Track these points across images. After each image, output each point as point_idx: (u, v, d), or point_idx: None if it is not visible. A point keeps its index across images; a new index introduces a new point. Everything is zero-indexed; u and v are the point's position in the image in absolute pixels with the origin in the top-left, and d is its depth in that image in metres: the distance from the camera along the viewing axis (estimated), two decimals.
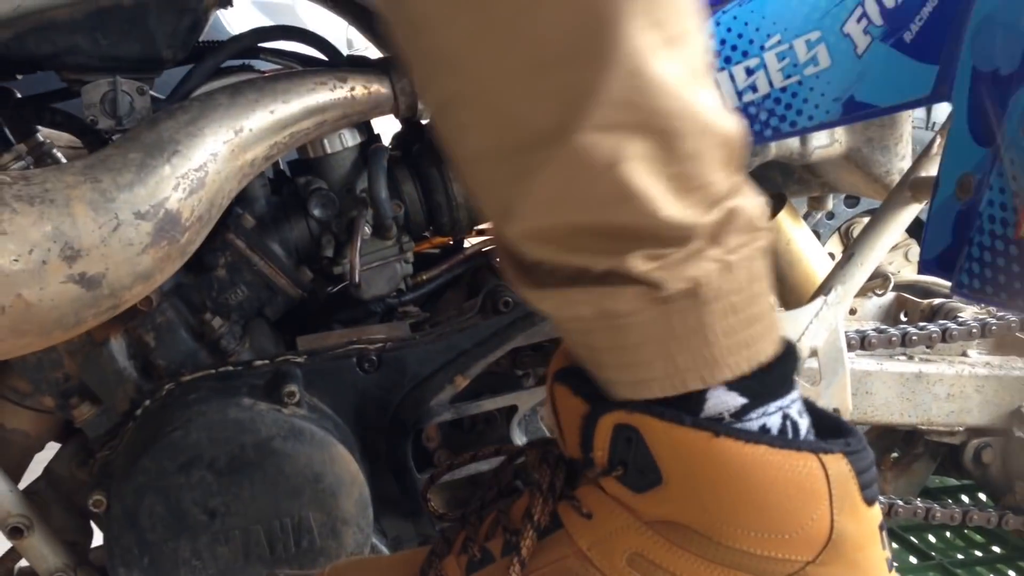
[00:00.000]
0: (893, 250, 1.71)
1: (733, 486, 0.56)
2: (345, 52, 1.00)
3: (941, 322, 1.12)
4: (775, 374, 0.57)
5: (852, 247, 0.99)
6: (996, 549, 1.28)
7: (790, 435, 0.58)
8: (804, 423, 0.59)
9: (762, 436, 0.56)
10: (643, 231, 0.53)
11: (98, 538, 0.90)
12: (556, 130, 0.51)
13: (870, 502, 0.58)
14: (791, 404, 0.58)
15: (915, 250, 1.67)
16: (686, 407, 0.56)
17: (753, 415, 0.57)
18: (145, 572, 0.79)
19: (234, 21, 1.36)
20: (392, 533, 0.91)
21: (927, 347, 1.14)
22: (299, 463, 0.80)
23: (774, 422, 0.57)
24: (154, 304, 0.86)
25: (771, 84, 0.90)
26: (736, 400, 0.56)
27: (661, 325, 0.54)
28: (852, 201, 1.68)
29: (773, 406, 0.57)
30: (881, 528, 0.60)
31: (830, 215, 1.72)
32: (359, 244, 0.90)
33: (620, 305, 0.54)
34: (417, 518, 0.92)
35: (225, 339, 0.88)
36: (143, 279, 0.76)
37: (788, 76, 0.90)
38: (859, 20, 0.89)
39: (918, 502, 1.13)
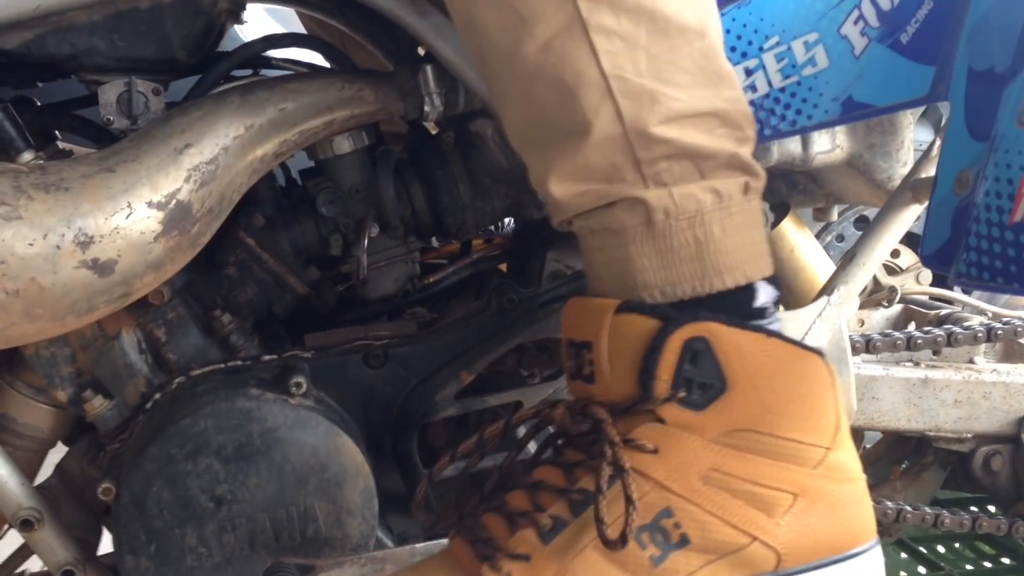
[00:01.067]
0: (904, 272, 1.72)
1: (784, 380, 0.66)
2: None
3: (947, 326, 1.12)
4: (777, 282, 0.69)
5: (854, 248, 1.00)
6: (1006, 560, 1.27)
7: None
8: None
9: (793, 338, 0.66)
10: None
11: (107, 541, 0.91)
12: None
13: None
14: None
15: (927, 274, 1.66)
16: (740, 307, 0.66)
17: (776, 315, 0.68)
18: (152, 559, 0.80)
19: (247, 29, 1.40)
20: (398, 529, 0.92)
21: (933, 353, 1.14)
22: (305, 452, 0.81)
23: (781, 326, 0.68)
24: (165, 299, 0.87)
25: (770, 84, 0.92)
26: (772, 293, 0.68)
27: (733, 220, 0.67)
28: (861, 224, 1.68)
29: (777, 312, 0.68)
30: None
31: (840, 238, 1.73)
32: (366, 243, 0.92)
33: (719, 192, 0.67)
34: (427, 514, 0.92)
35: (235, 335, 0.90)
36: (154, 268, 0.78)
37: (787, 76, 0.92)
38: (856, 22, 0.91)
39: (927, 509, 1.12)
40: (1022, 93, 0.75)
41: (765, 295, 0.68)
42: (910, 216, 1.00)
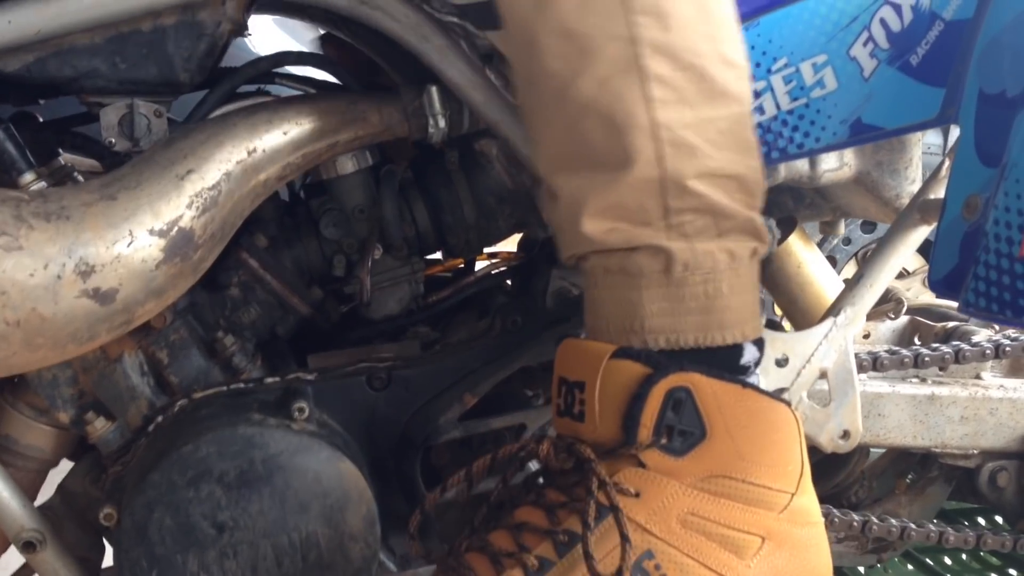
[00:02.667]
0: (911, 276, 1.71)
1: (757, 429, 0.69)
2: None
3: (954, 343, 1.12)
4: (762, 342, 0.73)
5: (862, 269, 0.99)
6: (1013, 572, 1.27)
7: None
8: None
9: (765, 390, 0.71)
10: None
11: (110, 556, 0.91)
12: None
13: None
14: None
15: None
16: (725, 362, 0.69)
17: (757, 371, 0.73)
18: None
19: (258, 43, 1.39)
20: (400, 551, 0.92)
21: (940, 369, 1.14)
22: (307, 478, 0.81)
23: (758, 380, 0.73)
24: (168, 321, 0.87)
25: (778, 106, 0.91)
26: (755, 354, 0.72)
27: (739, 281, 0.70)
28: (869, 227, 1.67)
29: (756, 370, 0.73)
30: None
31: (847, 241, 1.72)
32: (370, 264, 0.91)
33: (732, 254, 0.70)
34: (425, 537, 0.92)
35: (237, 357, 0.89)
36: (156, 295, 0.77)
37: (795, 99, 0.91)
38: (865, 44, 0.90)
39: (931, 525, 1.12)
40: None
41: (750, 355, 0.72)
42: (918, 237, 0.99)
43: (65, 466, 0.97)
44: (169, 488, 0.79)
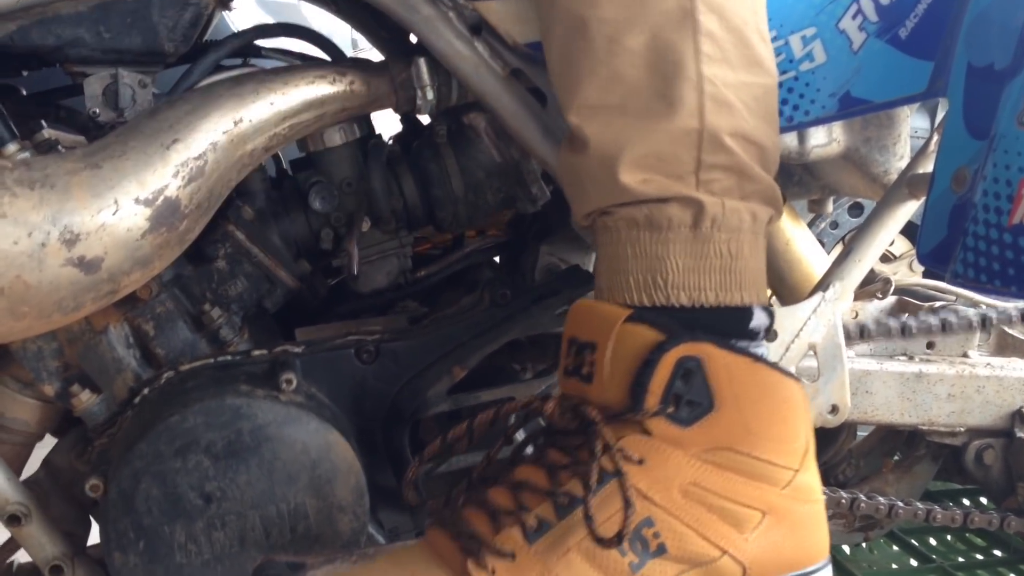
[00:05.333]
0: (897, 260, 1.72)
1: (767, 404, 0.69)
2: (350, 52, 1.01)
3: (941, 315, 1.12)
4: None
5: (850, 244, 0.99)
6: (997, 552, 1.28)
7: None
8: None
9: (776, 364, 0.71)
10: None
11: (95, 533, 0.91)
12: None
13: None
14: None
15: None
16: (737, 324, 0.70)
17: (764, 341, 0.72)
18: (140, 556, 0.79)
19: (238, 19, 1.38)
20: (389, 524, 0.92)
21: (927, 345, 1.14)
22: (295, 449, 0.81)
23: (766, 351, 0.73)
24: (153, 293, 0.86)
25: None
26: (765, 320, 0.72)
27: (757, 244, 0.72)
28: (856, 211, 1.68)
29: (765, 337, 0.73)
30: None
31: (834, 224, 1.72)
32: (357, 236, 0.91)
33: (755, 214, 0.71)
34: (415, 510, 0.92)
35: (224, 329, 0.89)
36: (142, 265, 0.77)
37: (784, 71, 0.90)
38: (854, 16, 0.90)
39: (919, 504, 1.12)
40: (1023, 92, 0.74)
41: (759, 319, 0.72)
42: (906, 212, 0.99)
43: (51, 440, 0.97)
44: (156, 458, 0.79)
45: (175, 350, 0.88)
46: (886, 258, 1.60)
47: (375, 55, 1.09)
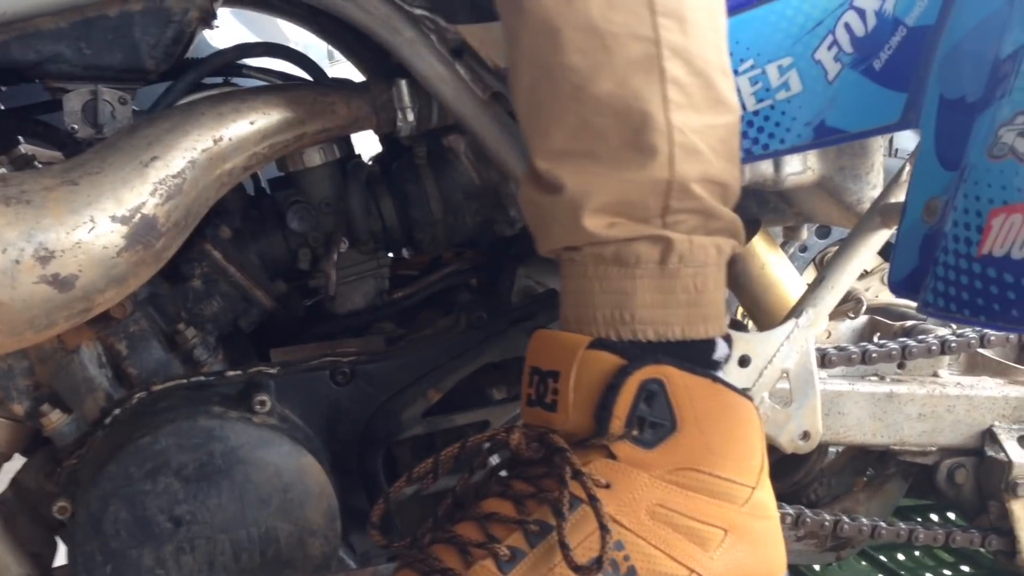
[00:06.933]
0: (869, 275, 1.73)
1: (726, 423, 0.70)
2: (326, 64, 1.01)
3: (901, 340, 1.13)
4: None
5: (823, 271, 1.00)
6: (965, 568, 1.28)
7: None
8: None
9: (732, 384, 0.72)
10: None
11: (62, 553, 0.89)
12: None
13: None
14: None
15: None
16: (700, 356, 0.70)
17: (725, 367, 0.74)
18: None
19: (218, 37, 1.38)
20: (361, 548, 0.91)
21: (899, 367, 1.15)
22: (267, 472, 0.80)
23: (726, 375, 0.74)
24: (128, 312, 0.86)
25: (744, 107, 0.91)
26: (726, 350, 0.73)
27: (720, 276, 0.73)
28: (824, 231, 1.69)
29: (724, 366, 0.74)
30: None
31: (803, 248, 1.74)
32: (335, 257, 0.91)
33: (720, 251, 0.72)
34: (385, 531, 0.91)
35: (198, 349, 0.88)
36: (117, 283, 0.76)
37: (761, 100, 0.92)
38: (830, 47, 0.91)
39: (901, 524, 1.13)
40: (993, 124, 0.75)
41: (722, 350, 0.73)
42: (879, 240, 1.00)
43: (20, 459, 0.95)
44: (126, 480, 0.78)
45: (148, 370, 0.87)
46: (859, 275, 1.61)
47: (352, 67, 1.09)
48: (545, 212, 0.72)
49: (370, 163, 1.00)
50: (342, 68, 1.33)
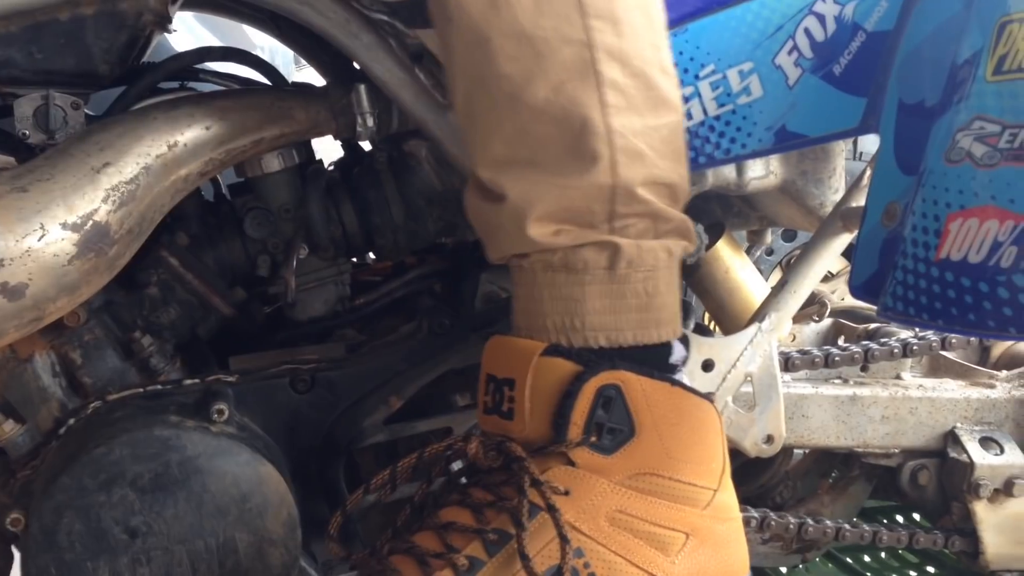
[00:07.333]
0: (835, 278, 1.74)
1: (685, 426, 0.70)
2: (293, 68, 1.00)
3: (864, 343, 1.14)
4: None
5: (786, 275, 1.01)
6: (930, 569, 1.29)
7: None
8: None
9: (690, 386, 0.71)
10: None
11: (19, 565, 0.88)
12: None
13: None
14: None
15: None
16: (656, 360, 0.70)
17: (683, 369, 0.73)
18: None
19: (180, 40, 1.36)
20: (322, 557, 0.90)
21: (862, 369, 1.16)
22: (225, 482, 0.79)
23: (683, 379, 0.73)
24: (82, 320, 0.84)
25: (705, 112, 0.92)
26: (683, 352, 0.73)
27: (672, 279, 0.71)
28: (789, 235, 1.71)
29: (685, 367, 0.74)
30: None
31: (769, 251, 1.75)
32: (295, 264, 0.90)
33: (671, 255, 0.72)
34: (346, 540, 0.90)
35: (155, 358, 0.87)
36: (69, 291, 0.75)
37: (722, 105, 0.92)
38: (790, 52, 0.91)
39: (865, 526, 1.13)
40: (950, 129, 0.75)
41: (678, 353, 0.73)
42: (840, 244, 1.01)
43: None
44: (80, 492, 0.77)
45: (103, 379, 0.85)
46: (824, 277, 1.62)
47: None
48: (491, 220, 0.72)
49: (331, 169, 0.99)
50: (309, 74, 1.32)
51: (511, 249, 0.71)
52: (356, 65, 0.92)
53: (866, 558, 1.34)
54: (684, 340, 0.74)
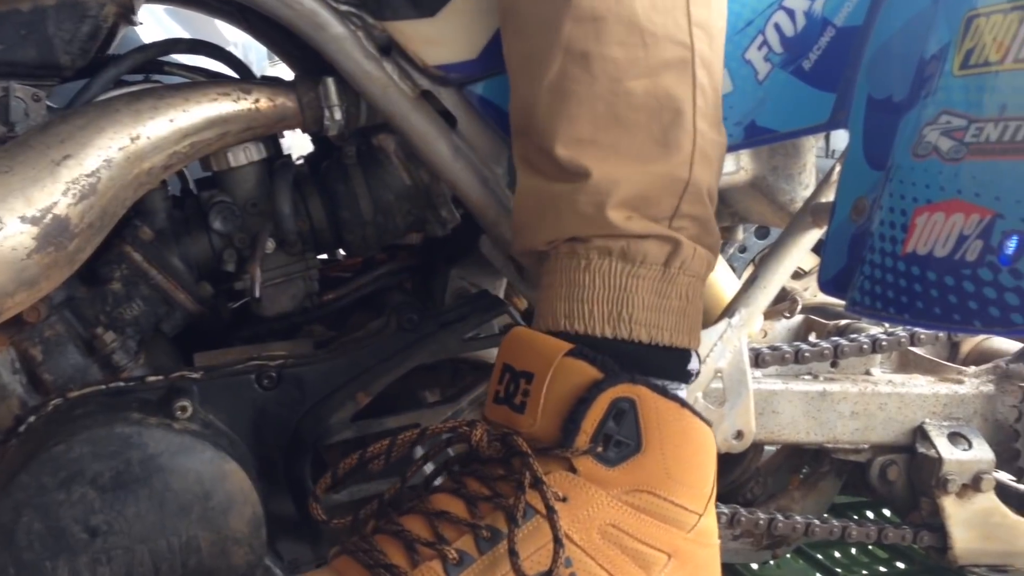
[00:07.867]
0: (807, 275, 1.75)
1: (687, 449, 0.70)
2: (267, 62, 0.99)
3: (833, 339, 1.14)
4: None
5: (756, 271, 1.01)
6: (901, 565, 1.30)
7: None
8: None
9: (695, 409, 0.71)
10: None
11: None
12: None
13: None
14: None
15: None
16: (678, 365, 0.71)
17: (685, 385, 0.73)
18: None
19: (149, 33, 1.34)
20: (288, 556, 0.89)
21: (832, 365, 1.16)
22: (188, 479, 0.78)
23: (683, 394, 0.73)
24: (42, 316, 0.83)
25: None
26: (697, 364, 0.74)
27: (701, 291, 0.74)
28: (762, 232, 1.71)
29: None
30: None
31: (743, 248, 1.75)
32: (261, 258, 0.89)
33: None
34: (315, 541, 0.89)
35: (118, 354, 0.85)
36: (27, 286, 0.73)
37: None
38: (760, 47, 0.91)
39: (834, 521, 1.14)
40: (918, 124, 0.76)
41: (694, 363, 0.74)
42: (810, 240, 1.01)
43: None
44: (38, 490, 0.75)
45: (64, 376, 0.84)
46: (797, 274, 1.62)
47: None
48: (558, 199, 0.72)
49: (299, 163, 0.98)
50: (283, 69, 1.31)
51: (575, 231, 0.71)
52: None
53: (836, 554, 1.34)
54: (698, 354, 0.75)
